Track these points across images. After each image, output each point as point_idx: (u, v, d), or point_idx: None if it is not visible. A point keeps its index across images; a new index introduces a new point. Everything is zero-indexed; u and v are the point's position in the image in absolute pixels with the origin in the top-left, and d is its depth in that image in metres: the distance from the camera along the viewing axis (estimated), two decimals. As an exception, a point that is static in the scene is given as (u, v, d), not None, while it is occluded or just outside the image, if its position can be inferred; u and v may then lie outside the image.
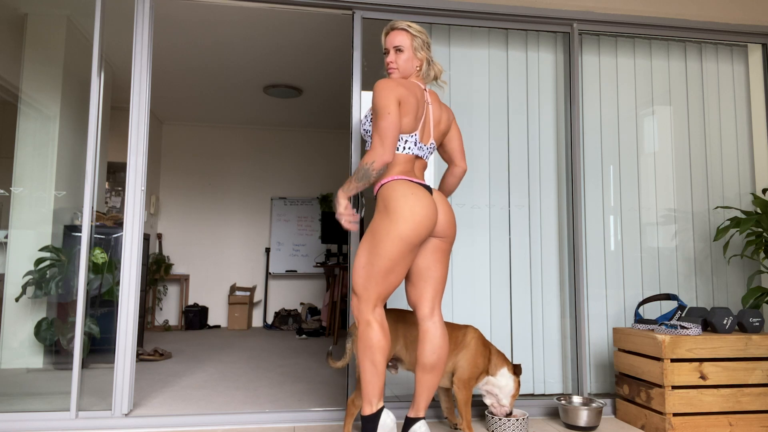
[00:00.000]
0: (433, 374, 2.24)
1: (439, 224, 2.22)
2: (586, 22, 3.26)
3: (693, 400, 2.62)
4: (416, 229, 2.09)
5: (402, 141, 2.20)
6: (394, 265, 2.10)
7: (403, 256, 2.11)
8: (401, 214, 2.09)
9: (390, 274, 2.11)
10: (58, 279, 3.36)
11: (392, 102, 2.11)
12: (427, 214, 2.12)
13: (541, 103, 3.27)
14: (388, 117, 2.09)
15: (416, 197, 2.12)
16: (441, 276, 2.27)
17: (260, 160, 7.41)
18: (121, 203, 6.47)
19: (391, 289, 2.15)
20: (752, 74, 3.49)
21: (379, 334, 2.12)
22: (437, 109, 2.31)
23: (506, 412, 2.61)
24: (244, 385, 3.55)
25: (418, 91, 2.24)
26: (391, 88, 2.13)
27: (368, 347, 2.12)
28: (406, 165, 2.21)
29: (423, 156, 2.27)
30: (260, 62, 5.10)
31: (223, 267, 7.16)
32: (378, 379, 2.13)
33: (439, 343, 2.23)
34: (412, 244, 2.11)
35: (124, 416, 2.70)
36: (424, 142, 2.25)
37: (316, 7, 3.04)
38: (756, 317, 2.82)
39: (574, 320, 3.14)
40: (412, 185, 2.16)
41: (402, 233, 2.08)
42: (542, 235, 3.20)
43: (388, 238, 2.09)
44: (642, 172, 3.33)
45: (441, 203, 2.26)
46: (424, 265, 2.25)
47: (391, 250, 2.09)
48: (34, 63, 3.46)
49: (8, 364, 3.30)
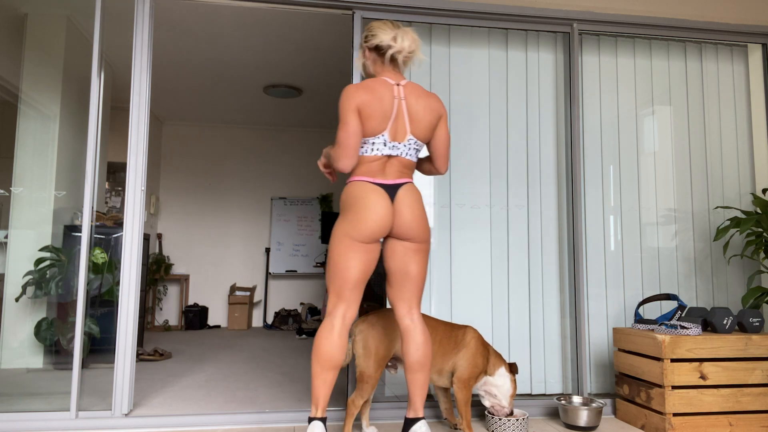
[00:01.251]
0: (422, 372, 2.23)
1: (398, 226, 2.19)
2: (586, 22, 3.26)
3: (693, 400, 2.62)
4: (360, 230, 2.13)
5: (369, 144, 2.19)
6: (343, 261, 2.16)
7: (350, 253, 2.15)
8: (348, 215, 2.17)
9: (342, 271, 2.17)
10: (58, 279, 3.36)
11: (349, 111, 2.13)
12: (373, 217, 2.13)
13: (541, 103, 3.27)
14: (345, 128, 2.14)
15: (365, 200, 2.14)
16: (416, 277, 2.25)
17: (260, 160, 7.41)
18: (121, 203, 6.47)
19: (346, 285, 2.17)
20: (752, 74, 3.49)
21: (326, 337, 2.15)
22: (414, 103, 2.22)
23: (507, 412, 2.61)
24: (244, 385, 3.55)
25: (385, 89, 2.18)
26: (350, 96, 2.15)
27: (314, 349, 2.18)
28: (371, 165, 2.19)
29: (400, 154, 2.21)
30: (260, 62, 5.10)
31: (223, 267, 7.16)
32: (315, 383, 2.17)
33: (421, 339, 2.23)
34: (357, 243, 2.15)
35: (124, 416, 2.70)
36: (398, 140, 2.20)
37: (316, 7, 3.05)
38: (756, 317, 2.82)
39: (574, 320, 3.14)
40: (366, 187, 2.16)
41: (347, 232, 2.16)
42: (542, 235, 3.20)
43: (336, 237, 2.19)
44: (642, 172, 3.33)
45: (406, 204, 2.19)
46: (397, 267, 2.25)
47: (338, 248, 2.18)
48: (34, 63, 3.46)
49: (8, 364, 3.30)
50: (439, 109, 2.29)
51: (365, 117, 2.14)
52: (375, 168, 2.20)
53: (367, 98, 2.14)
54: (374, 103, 2.14)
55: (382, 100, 2.16)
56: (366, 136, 2.18)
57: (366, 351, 2.41)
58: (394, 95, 2.19)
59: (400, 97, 2.20)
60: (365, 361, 2.40)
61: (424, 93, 2.26)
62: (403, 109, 2.20)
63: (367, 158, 2.20)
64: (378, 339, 2.42)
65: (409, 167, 2.26)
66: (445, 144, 2.34)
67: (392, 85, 2.21)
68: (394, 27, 2.26)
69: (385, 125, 2.17)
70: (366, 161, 2.20)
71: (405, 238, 2.22)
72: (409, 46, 2.22)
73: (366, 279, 2.21)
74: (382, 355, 2.41)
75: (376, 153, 2.19)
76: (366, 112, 2.14)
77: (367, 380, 2.40)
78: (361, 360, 2.41)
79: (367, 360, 2.40)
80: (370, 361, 2.40)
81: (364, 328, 2.44)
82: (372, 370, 2.40)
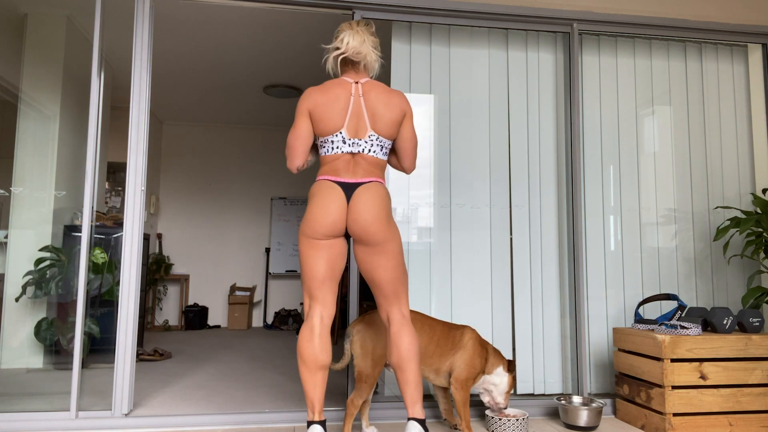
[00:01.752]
0: (408, 371, 2.16)
1: (351, 226, 2.17)
2: (586, 22, 3.26)
3: (693, 400, 2.62)
4: (311, 227, 2.16)
5: (328, 143, 2.21)
6: (306, 260, 2.20)
7: (311, 252, 2.18)
8: (306, 213, 2.21)
9: (307, 270, 2.21)
10: (58, 279, 3.36)
11: (300, 114, 2.24)
12: (321, 213, 2.15)
13: (541, 103, 3.27)
14: (293, 131, 2.25)
15: (317, 198, 2.18)
16: (386, 279, 2.20)
17: (260, 160, 7.41)
18: (121, 203, 6.47)
19: (314, 283, 2.19)
20: (752, 74, 3.49)
21: (307, 340, 2.16)
22: (374, 99, 2.22)
23: (501, 408, 2.64)
24: (244, 385, 3.55)
25: (341, 89, 2.21)
26: (303, 99, 2.25)
27: (298, 354, 2.20)
28: (335, 164, 2.21)
29: (362, 151, 2.20)
30: (260, 62, 5.10)
31: (223, 267, 7.16)
32: (306, 387, 2.17)
33: (404, 340, 2.18)
34: (314, 241, 2.17)
35: (124, 416, 2.70)
36: (359, 137, 2.20)
37: (316, 7, 3.05)
38: (756, 317, 2.82)
39: (574, 320, 3.14)
40: (323, 185, 2.19)
41: (303, 230, 2.20)
42: (542, 235, 3.19)
43: (299, 236, 2.23)
44: (642, 172, 3.33)
45: (360, 202, 2.16)
46: (364, 270, 2.24)
47: (301, 248, 2.23)
48: (34, 63, 3.46)
49: (8, 364, 3.30)
50: (402, 105, 2.27)
51: (317, 118, 2.21)
52: (339, 166, 2.21)
53: (320, 100, 2.20)
54: (327, 103, 2.19)
55: (338, 99, 2.20)
56: (323, 135, 2.22)
57: (364, 350, 2.41)
58: (351, 93, 2.22)
59: (359, 95, 2.22)
60: (363, 361, 2.40)
61: (386, 90, 2.27)
62: (361, 105, 2.22)
63: (328, 157, 2.22)
64: (375, 338, 2.42)
65: (377, 165, 2.23)
66: (410, 143, 2.33)
67: (350, 84, 2.24)
68: (349, 27, 2.28)
69: (342, 122, 2.19)
70: (328, 160, 2.23)
71: (361, 240, 2.18)
72: (354, 47, 2.22)
73: (334, 276, 2.21)
74: (379, 354, 2.41)
75: (336, 151, 2.21)
76: (317, 113, 2.20)
77: (366, 380, 2.40)
78: (359, 360, 2.41)
79: (365, 360, 2.40)
80: (368, 361, 2.40)
81: (362, 328, 2.44)
82: (370, 370, 2.40)
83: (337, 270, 2.22)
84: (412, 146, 2.35)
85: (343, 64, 2.29)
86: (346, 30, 2.27)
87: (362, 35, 2.25)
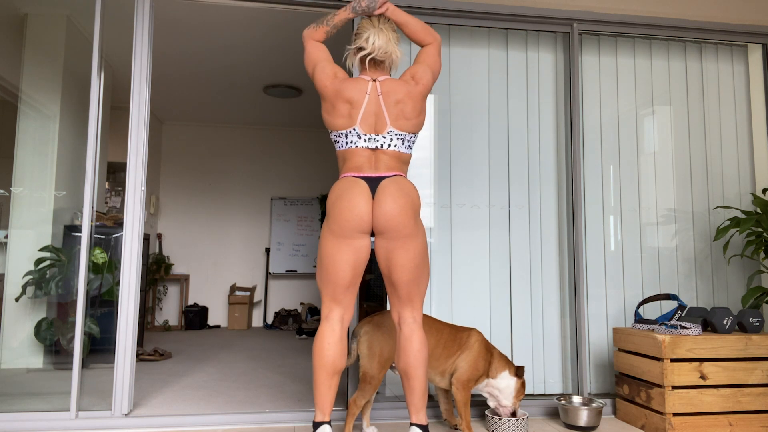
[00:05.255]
0: (414, 378, 2.15)
1: (377, 218, 2.12)
2: (586, 22, 3.26)
3: (693, 400, 2.62)
4: (339, 223, 2.11)
5: (341, 136, 2.20)
6: (332, 262, 2.14)
7: (337, 253, 2.13)
8: (329, 211, 2.16)
9: (332, 272, 2.14)
10: (58, 279, 3.36)
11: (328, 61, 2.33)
12: (349, 207, 2.10)
13: (541, 103, 3.27)
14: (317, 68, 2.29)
15: (343, 193, 2.13)
16: (403, 280, 2.15)
17: (260, 160, 7.41)
18: (121, 203, 6.47)
19: (339, 287, 2.15)
20: (752, 74, 3.49)
21: (329, 343, 2.12)
22: (392, 93, 2.19)
23: (509, 412, 2.61)
24: (244, 385, 3.55)
25: (358, 85, 2.20)
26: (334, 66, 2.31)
27: (317, 355, 2.15)
28: (353, 161, 2.19)
29: (382, 146, 2.18)
30: (260, 62, 5.10)
31: (223, 267, 7.16)
32: (320, 390, 2.13)
33: (413, 346, 2.15)
34: (341, 240, 2.12)
35: (124, 416, 2.70)
36: (376, 132, 2.18)
37: (316, 7, 3.04)
38: (756, 317, 2.82)
39: (574, 320, 3.14)
40: (347, 182, 2.16)
41: (330, 228, 2.15)
42: (542, 235, 3.20)
43: (322, 236, 2.19)
44: (642, 172, 3.33)
45: (386, 194, 2.12)
46: (383, 266, 2.19)
47: (325, 248, 2.16)
48: (34, 63, 3.46)
49: (8, 364, 3.30)
50: (413, 69, 2.29)
51: (331, 96, 2.20)
52: (361, 162, 2.19)
53: (341, 87, 2.20)
54: (346, 98, 2.18)
55: (351, 97, 2.18)
56: (334, 129, 2.21)
57: (371, 352, 2.41)
58: (366, 92, 2.19)
59: (377, 93, 2.20)
60: (369, 362, 2.40)
61: (402, 82, 2.25)
62: (380, 103, 2.19)
63: (346, 153, 2.21)
64: (383, 340, 2.42)
65: (399, 159, 2.21)
66: (430, 58, 2.33)
67: (367, 81, 2.22)
68: (371, 25, 2.26)
69: (355, 119, 2.17)
70: (347, 156, 2.21)
71: (385, 232, 2.13)
72: (381, 46, 2.21)
73: (358, 280, 2.17)
74: (386, 356, 2.41)
75: (350, 146, 2.19)
76: (333, 90, 2.20)
77: (371, 381, 2.40)
78: (365, 360, 2.41)
79: (371, 361, 2.40)
80: (374, 362, 2.40)
81: (370, 329, 2.44)
82: (376, 371, 2.40)
83: (361, 274, 2.18)
84: (433, 54, 2.34)
85: (363, 64, 2.27)
86: (370, 28, 2.24)
87: (387, 33, 2.24)
